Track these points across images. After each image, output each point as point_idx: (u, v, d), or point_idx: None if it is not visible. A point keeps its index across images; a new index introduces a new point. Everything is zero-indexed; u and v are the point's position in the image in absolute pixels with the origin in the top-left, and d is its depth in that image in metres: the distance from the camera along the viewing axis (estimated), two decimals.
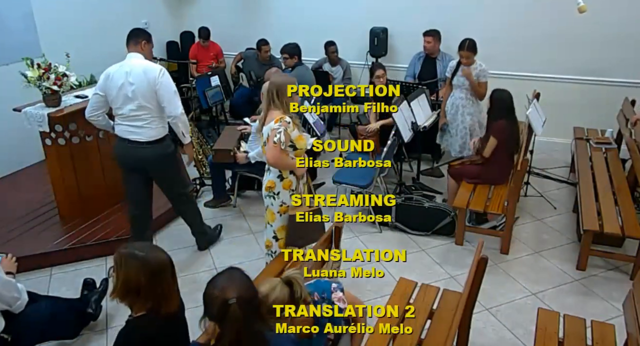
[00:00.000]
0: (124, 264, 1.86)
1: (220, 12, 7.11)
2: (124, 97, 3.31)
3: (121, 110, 3.36)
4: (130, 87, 3.28)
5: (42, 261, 3.81)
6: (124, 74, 3.29)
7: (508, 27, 5.62)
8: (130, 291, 1.86)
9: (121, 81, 3.29)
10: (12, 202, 4.51)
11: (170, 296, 1.94)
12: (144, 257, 1.87)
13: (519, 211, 4.28)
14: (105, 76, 3.35)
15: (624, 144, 4.76)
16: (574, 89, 5.55)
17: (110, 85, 3.32)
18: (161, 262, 1.91)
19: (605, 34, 5.25)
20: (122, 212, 4.37)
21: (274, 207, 3.17)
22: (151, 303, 1.88)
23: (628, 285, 3.26)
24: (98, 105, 3.43)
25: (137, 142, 3.40)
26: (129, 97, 3.30)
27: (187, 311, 2.13)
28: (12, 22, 5.08)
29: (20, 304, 2.67)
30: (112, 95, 3.33)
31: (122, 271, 1.86)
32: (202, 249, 4.05)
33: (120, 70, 3.32)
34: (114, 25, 6.15)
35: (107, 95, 3.36)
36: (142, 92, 3.29)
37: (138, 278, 1.84)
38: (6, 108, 4.15)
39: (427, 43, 5.56)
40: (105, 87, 3.35)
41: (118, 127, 3.46)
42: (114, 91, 3.32)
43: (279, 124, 2.93)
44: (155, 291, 1.88)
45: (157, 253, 1.93)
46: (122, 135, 3.44)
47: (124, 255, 1.88)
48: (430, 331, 2.60)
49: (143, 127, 3.39)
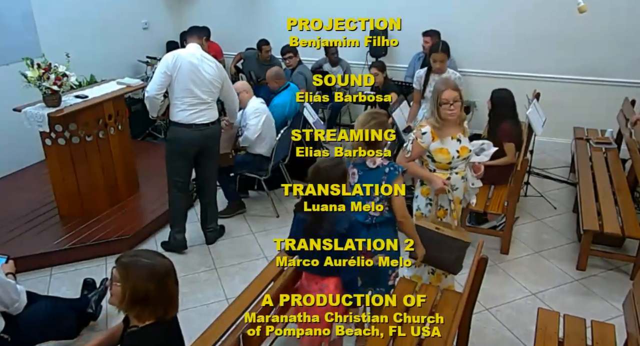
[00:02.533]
0: (130, 274, 1.79)
1: (220, 12, 7.11)
2: (196, 81, 3.54)
3: (187, 93, 3.55)
4: (204, 74, 3.55)
5: (42, 261, 3.81)
6: (195, 58, 3.54)
7: (508, 27, 5.62)
8: (138, 300, 1.79)
9: (194, 64, 3.52)
10: (12, 202, 4.51)
11: (175, 301, 1.91)
12: (150, 264, 1.82)
13: (519, 211, 4.27)
14: (173, 57, 3.54)
15: (624, 144, 4.76)
16: (574, 89, 5.55)
17: (182, 66, 3.50)
18: (167, 268, 1.86)
19: (605, 34, 5.25)
20: (122, 211, 4.38)
21: (414, 209, 3.06)
22: (160, 311, 1.83)
23: (628, 285, 3.26)
24: (164, 85, 3.57)
25: (203, 124, 3.66)
26: (202, 82, 3.55)
27: (188, 311, 2.14)
28: (12, 22, 5.08)
29: (18, 306, 2.66)
30: (183, 76, 3.51)
31: (129, 281, 1.78)
32: (211, 243, 4.11)
33: (190, 55, 3.55)
34: (114, 25, 6.17)
35: (174, 75, 3.51)
36: (214, 81, 3.61)
37: (147, 286, 1.77)
38: (6, 108, 4.15)
39: (426, 43, 5.57)
40: (174, 68, 3.50)
41: (181, 112, 3.61)
42: (185, 72, 3.50)
43: (414, 132, 2.86)
44: (162, 298, 1.82)
45: (162, 259, 1.88)
46: (189, 121, 3.62)
47: (128, 264, 1.81)
48: (430, 331, 2.59)
49: (208, 110, 3.68)
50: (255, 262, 3.86)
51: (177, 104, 3.60)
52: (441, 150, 2.86)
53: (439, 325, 2.45)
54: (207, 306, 3.37)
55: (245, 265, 3.86)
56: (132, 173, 4.69)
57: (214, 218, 4.14)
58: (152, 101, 3.62)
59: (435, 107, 2.82)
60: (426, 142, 2.84)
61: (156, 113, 3.78)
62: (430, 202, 2.96)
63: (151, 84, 3.59)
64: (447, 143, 2.85)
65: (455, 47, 5.69)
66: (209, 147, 3.81)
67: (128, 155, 4.59)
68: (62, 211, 4.27)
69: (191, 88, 3.55)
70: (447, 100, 2.78)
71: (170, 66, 3.51)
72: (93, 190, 4.28)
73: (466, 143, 2.90)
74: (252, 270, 3.66)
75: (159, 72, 3.55)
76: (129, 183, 4.64)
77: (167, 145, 3.82)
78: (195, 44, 3.65)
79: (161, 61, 3.61)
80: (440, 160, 2.87)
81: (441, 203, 2.95)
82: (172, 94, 3.61)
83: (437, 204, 2.95)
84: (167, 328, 1.88)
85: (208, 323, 2.63)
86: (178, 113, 3.61)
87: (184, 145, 3.70)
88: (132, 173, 4.69)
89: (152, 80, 3.61)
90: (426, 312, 2.69)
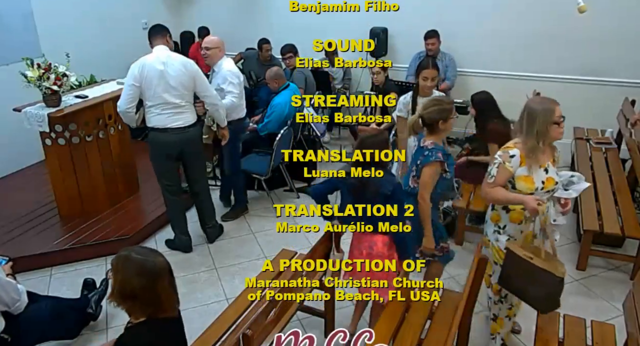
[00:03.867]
0: (120, 267, 1.82)
1: (220, 12, 7.11)
2: (164, 86, 3.45)
3: (161, 99, 3.48)
4: (170, 76, 3.44)
5: (42, 261, 3.81)
6: (161, 63, 3.43)
7: (508, 27, 5.61)
8: (127, 295, 1.80)
9: (159, 71, 3.42)
10: (12, 202, 4.51)
11: (169, 302, 1.89)
12: (139, 259, 1.82)
13: None
14: (139, 67, 3.43)
15: (624, 144, 4.76)
16: (574, 89, 5.54)
17: (149, 74, 3.42)
18: (159, 266, 1.85)
19: (605, 34, 5.25)
20: (122, 211, 4.38)
21: (500, 243, 2.62)
22: (150, 309, 1.84)
23: (628, 285, 3.26)
24: (133, 97, 3.51)
25: (179, 127, 3.59)
26: (171, 86, 3.46)
27: (188, 311, 2.13)
28: (12, 22, 5.08)
29: (19, 305, 2.67)
30: (151, 84, 3.43)
31: (119, 274, 1.81)
32: (213, 241, 4.12)
33: (155, 61, 3.44)
34: (114, 25, 6.17)
35: (142, 85, 3.44)
36: (182, 81, 3.49)
37: (134, 282, 1.78)
38: (6, 108, 4.15)
39: (432, 45, 5.56)
40: (141, 78, 3.42)
41: (156, 117, 3.55)
42: (153, 80, 3.42)
43: (500, 154, 2.51)
44: (152, 297, 1.82)
45: (155, 257, 1.87)
46: (164, 125, 3.56)
47: (121, 257, 1.84)
48: (430, 331, 2.60)
49: (183, 113, 3.59)
50: (256, 262, 3.86)
51: (150, 110, 3.55)
52: (526, 178, 2.48)
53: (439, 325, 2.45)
54: (207, 306, 3.38)
55: (245, 265, 3.86)
56: (132, 173, 4.69)
57: (211, 217, 4.13)
58: (125, 115, 3.58)
59: (544, 127, 2.42)
60: (514, 167, 2.49)
61: (134, 124, 3.73)
62: (499, 229, 2.64)
63: (121, 98, 3.53)
64: (535, 171, 2.49)
65: (455, 47, 5.71)
66: (189, 150, 3.72)
67: (128, 155, 4.59)
68: (62, 211, 4.27)
69: (161, 94, 3.47)
70: (559, 118, 2.44)
71: (137, 77, 3.43)
72: (93, 190, 4.28)
73: (553, 174, 2.54)
74: (252, 270, 3.66)
75: (127, 84, 3.48)
76: (129, 183, 4.64)
77: (149, 150, 3.76)
78: (160, 46, 3.55)
79: (128, 72, 3.50)
80: (522, 188, 2.49)
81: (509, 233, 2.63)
82: (144, 101, 3.55)
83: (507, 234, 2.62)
84: (160, 327, 1.88)
85: (208, 323, 2.63)
86: (152, 119, 3.57)
87: (163, 149, 3.65)
88: (132, 173, 4.69)
89: (122, 93, 3.54)
90: (426, 312, 2.69)
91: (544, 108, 2.43)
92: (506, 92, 4.52)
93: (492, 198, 2.57)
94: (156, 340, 1.88)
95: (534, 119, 2.42)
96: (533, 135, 2.43)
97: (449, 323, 2.52)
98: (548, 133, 2.45)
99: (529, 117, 2.45)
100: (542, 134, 2.43)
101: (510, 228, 2.60)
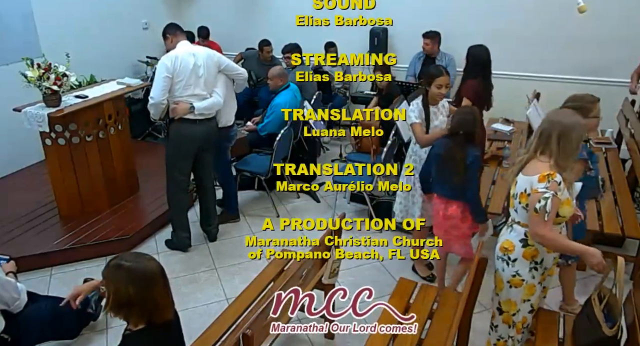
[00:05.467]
0: (111, 276, 1.80)
1: (220, 12, 7.11)
2: (195, 78, 3.61)
3: (189, 91, 3.61)
4: (200, 68, 3.61)
5: (42, 261, 3.81)
6: (191, 56, 3.59)
7: (508, 27, 5.61)
8: (123, 304, 1.78)
9: (191, 64, 3.57)
10: (12, 202, 4.51)
11: (165, 306, 1.87)
12: (130, 267, 1.79)
13: None
14: (172, 59, 3.55)
15: (624, 144, 4.76)
16: (574, 89, 5.50)
17: (181, 67, 3.55)
18: (150, 271, 1.81)
19: (606, 34, 5.25)
20: (122, 211, 4.38)
21: (504, 274, 2.44)
22: (147, 315, 1.81)
23: (628, 285, 3.25)
24: (167, 88, 3.59)
25: (206, 119, 3.74)
26: (199, 78, 3.62)
27: (188, 311, 2.13)
28: (12, 22, 5.08)
29: (18, 304, 2.67)
30: (183, 75, 3.56)
31: (112, 285, 1.79)
32: (215, 240, 4.15)
33: (186, 53, 3.59)
34: (114, 25, 6.17)
35: (174, 77, 3.55)
36: (210, 72, 3.69)
37: (127, 290, 1.75)
38: (6, 108, 4.15)
39: (426, 45, 5.61)
40: (174, 70, 3.54)
41: None
42: (185, 73, 3.57)
43: (545, 184, 2.17)
44: (148, 302, 1.80)
45: (145, 263, 1.83)
46: (195, 116, 3.67)
47: (111, 267, 1.81)
48: (430, 331, 2.60)
49: None
50: (256, 262, 3.85)
51: (180, 101, 3.63)
52: (568, 202, 2.26)
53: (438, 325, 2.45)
54: (207, 306, 3.38)
55: (245, 265, 3.86)
56: (132, 173, 4.69)
57: (214, 214, 4.19)
58: (157, 106, 3.64)
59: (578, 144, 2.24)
60: (563, 194, 2.22)
61: (159, 116, 3.79)
62: (536, 266, 2.40)
63: (154, 89, 3.60)
64: (570, 191, 2.31)
65: (456, 47, 5.70)
66: (210, 141, 3.87)
67: (128, 155, 4.59)
68: (62, 211, 4.27)
69: (191, 85, 3.61)
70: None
71: (170, 69, 3.55)
72: (93, 190, 4.28)
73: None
74: (252, 270, 3.65)
75: (160, 76, 3.56)
76: (129, 183, 4.64)
77: (170, 144, 3.82)
78: (184, 41, 3.71)
79: (159, 65, 3.60)
80: (565, 213, 2.27)
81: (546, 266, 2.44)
82: (172, 93, 3.62)
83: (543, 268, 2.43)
84: (159, 333, 1.86)
85: (208, 323, 2.63)
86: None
87: (189, 142, 3.74)
88: (132, 173, 4.69)
89: (155, 85, 3.61)
90: (426, 312, 2.69)
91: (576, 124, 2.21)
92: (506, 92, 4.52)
93: (554, 245, 2.28)
94: (158, 344, 1.87)
95: (570, 138, 2.19)
96: (569, 155, 2.22)
97: (449, 323, 2.52)
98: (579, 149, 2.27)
99: (564, 137, 2.19)
100: (576, 151, 2.24)
101: (547, 260, 2.42)
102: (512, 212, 2.42)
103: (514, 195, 2.36)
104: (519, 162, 2.35)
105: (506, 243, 2.42)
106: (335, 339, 3.09)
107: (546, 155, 2.23)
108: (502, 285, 2.47)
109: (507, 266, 2.42)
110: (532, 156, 2.28)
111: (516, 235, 2.38)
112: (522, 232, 2.36)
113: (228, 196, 4.48)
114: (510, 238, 2.41)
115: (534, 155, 2.28)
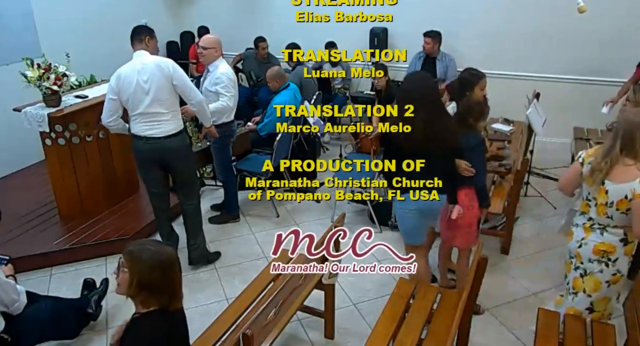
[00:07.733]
0: (137, 260, 1.85)
1: (220, 12, 7.11)
2: (140, 95, 3.30)
3: (138, 109, 3.34)
4: (145, 84, 3.28)
5: (42, 261, 3.81)
6: (135, 72, 3.29)
7: (508, 27, 5.62)
8: (145, 286, 1.85)
9: (134, 80, 3.27)
10: (12, 202, 4.50)
11: (179, 291, 1.95)
12: (156, 251, 1.88)
13: (519, 211, 4.27)
14: (115, 78, 3.32)
15: None
16: (574, 89, 5.55)
17: (124, 86, 3.29)
18: (171, 256, 1.92)
19: (605, 34, 5.25)
20: (122, 211, 4.38)
21: (603, 275, 2.53)
22: (165, 298, 1.88)
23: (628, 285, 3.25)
24: (114, 109, 3.40)
25: (155, 137, 3.41)
26: (146, 94, 3.30)
27: (188, 311, 2.13)
28: (12, 22, 5.08)
29: (18, 306, 2.67)
30: (127, 94, 3.30)
31: (135, 267, 1.84)
32: (193, 264, 3.81)
33: (130, 69, 3.31)
34: (114, 25, 6.15)
35: (120, 97, 3.34)
36: (158, 86, 3.31)
37: (152, 274, 1.83)
38: (6, 108, 4.15)
39: (426, 44, 5.61)
40: (118, 90, 3.32)
41: (136, 126, 3.42)
42: (129, 90, 3.29)
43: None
44: (167, 286, 1.88)
45: (166, 248, 1.95)
46: (141, 133, 3.41)
47: (136, 251, 1.87)
48: (430, 331, 2.60)
49: (162, 122, 3.40)
50: (256, 262, 3.86)
51: (132, 118, 3.44)
52: None
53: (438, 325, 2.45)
54: (207, 306, 3.38)
55: (245, 265, 3.86)
56: (132, 173, 4.68)
57: (195, 234, 3.82)
58: (109, 128, 3.53)
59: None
60: None
61: (127, 132, 3.57)
62: (608, 261, 2.53)
63: (103, 111, 3.44)
64: None
65: (455, 47, 5.72)
66: (170, 160, 3.52)
67: (128, 155, 4.57)
68: (62, 211, 4.27)
69: (137, 104, 3.34)
70: None
71: (114, 89, 3.33)
72: (93, 190, 4.28)
73: None
74: (252, 270, 3.66)
75: (107, 98, 3.39)
76: (129, 183, 4.64)
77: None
78: (139, 52, 3.38)
79: (108, 85, 3.40)
80: None
81: None
82: (127, 110, 3.45)
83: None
84: (170, 318, 1.90)
85: (208, 323, 2.64)
86: (133, 127, 3.46)
87: (142, 157, 3.54)
88: (132, 173, 4.68)
89: (104, 107, 3.45)
90: (426, 312, 2.69)
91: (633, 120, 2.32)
92: (506, 92, 4.54)
93: None
94: (170, 329, 1.90)
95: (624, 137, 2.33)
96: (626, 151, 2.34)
97: (449, 323, 2.52)
98: None
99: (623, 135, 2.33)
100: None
101: (622, 261, 2.51)
102: (601, 217, 2.47)
103: (607, 204, 2.41)
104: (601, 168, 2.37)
105: (603, 246, 2.49)
106: (335, 339, 3.09)
107: (631, 158, 2.31)
108: (599, 286, 2.55)
109: (607, 267, 2.51)
110: (614, 159, 2.33)
111: (614, 237, 2.47)
112: (620, 232, 2.46)
113: (229, 195, 4.47)
114: (607, 241, 2.48)
115: (616, 158, 2.33)
